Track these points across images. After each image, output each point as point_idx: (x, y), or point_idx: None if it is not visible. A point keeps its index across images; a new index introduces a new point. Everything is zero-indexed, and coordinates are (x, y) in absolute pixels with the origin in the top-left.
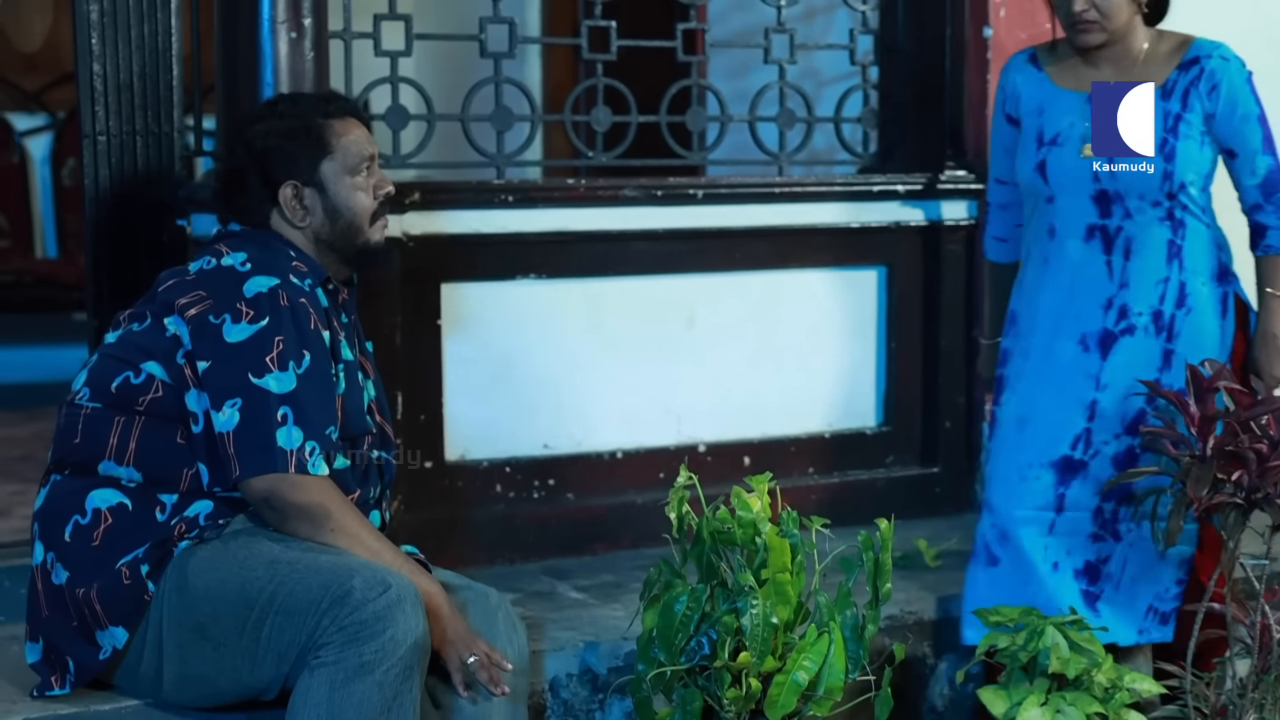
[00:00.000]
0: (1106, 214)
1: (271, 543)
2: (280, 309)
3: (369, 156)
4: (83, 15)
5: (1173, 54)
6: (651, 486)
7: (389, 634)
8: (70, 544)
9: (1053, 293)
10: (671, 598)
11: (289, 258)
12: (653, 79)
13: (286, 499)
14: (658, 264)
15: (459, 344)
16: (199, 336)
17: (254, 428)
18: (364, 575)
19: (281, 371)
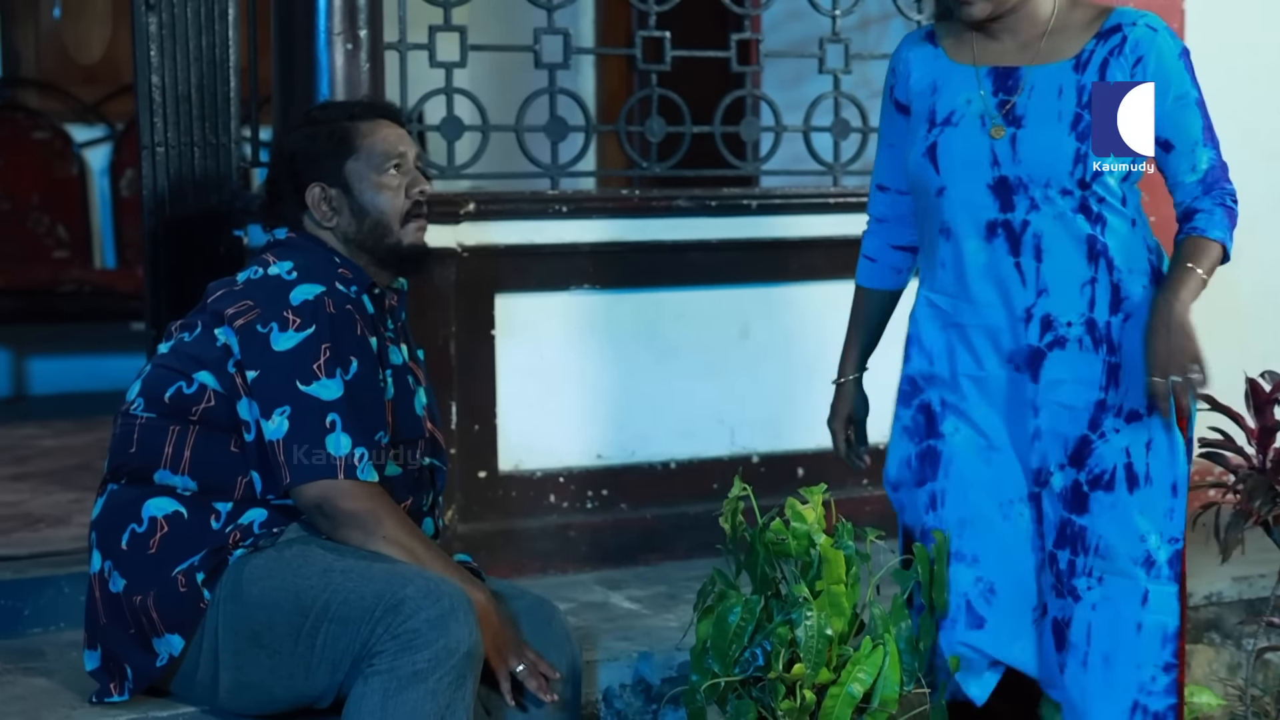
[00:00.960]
0: (1008, 206)
1: (325, 551)
2: (326, 316)
3: (397, 155)
4: (142, 28)
5: (1090, 23)
6: (705, 497)
7: (442, 643)
8: (127, 552)
9: (963, 305)
10: (725, 608)
11: (334, 264)
12: (707, 89)
13: (338, 506)
14: (711, 274)
15: (513, 354)
16: (247, 346)
17: (303, 435)
18: (418, 584)
19: (329, 378)
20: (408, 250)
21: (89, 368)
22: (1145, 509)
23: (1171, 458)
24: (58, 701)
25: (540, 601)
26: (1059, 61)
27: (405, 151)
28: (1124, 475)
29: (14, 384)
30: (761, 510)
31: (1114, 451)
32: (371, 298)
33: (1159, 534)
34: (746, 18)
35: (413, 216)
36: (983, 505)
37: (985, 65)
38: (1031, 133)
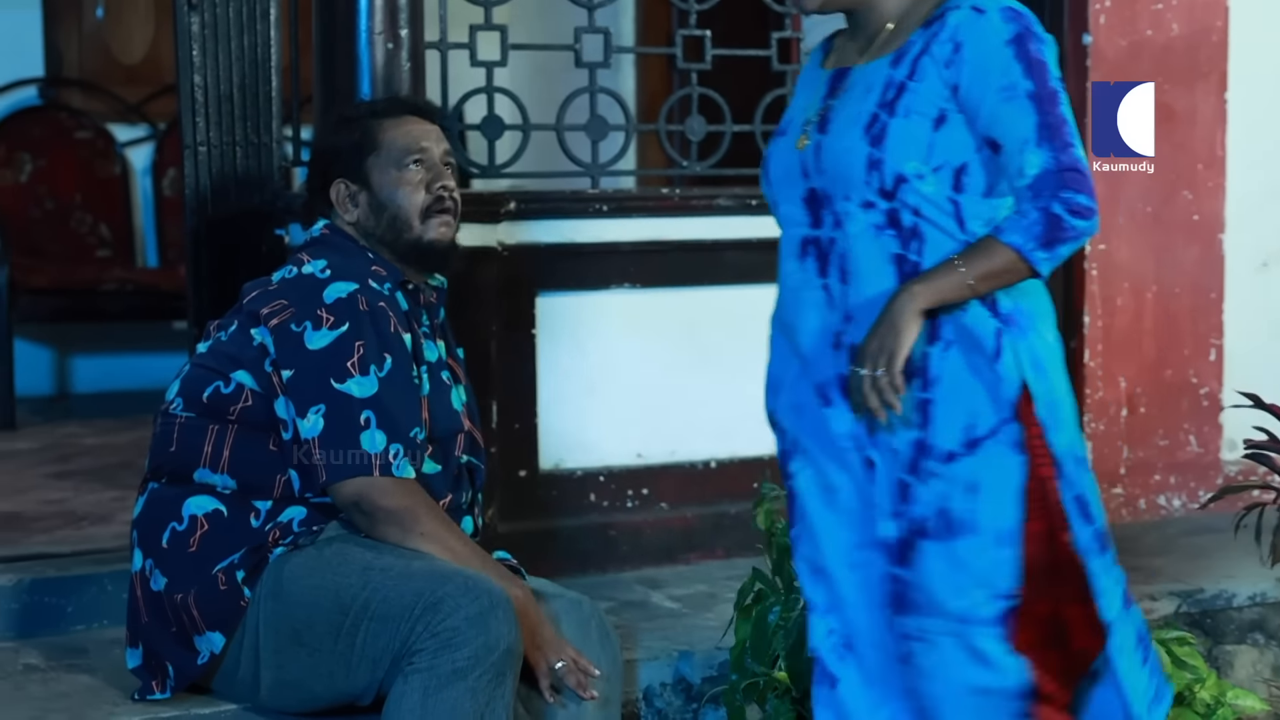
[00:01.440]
0: (817, 222)
1: (365, 550)
2: (360, 314)
3: (418, 150)
4: (184, 28)
5: (928, 13)
6: (745, 496)
7: (481, 640)
8: (168, 550)
9: (783, 332)
10: (764, 608)
11: (368, 261)
12: (747, 88)
13: (375, 503)
14: (751, 273)
15: (553, 353)
16: (282, 345)
17: (338, 433)
18: (456, 582)
19: (363, 376)
20: (429, 245)
21: (131, 366)
22: (967, 560)
23: (1001, 502)
24: (101, 699)
25: (580, 600)
26: (882, 57)
27: (428, 147)
28: (942, 523)
29: (57, 382)
30: None
31: (933, 496)
32: (405, 294)
33: (985, 588)
34: (787, 16)
35: (435, 212)
36: (829, 551)
37: (831, 68)
38: (831, 139)
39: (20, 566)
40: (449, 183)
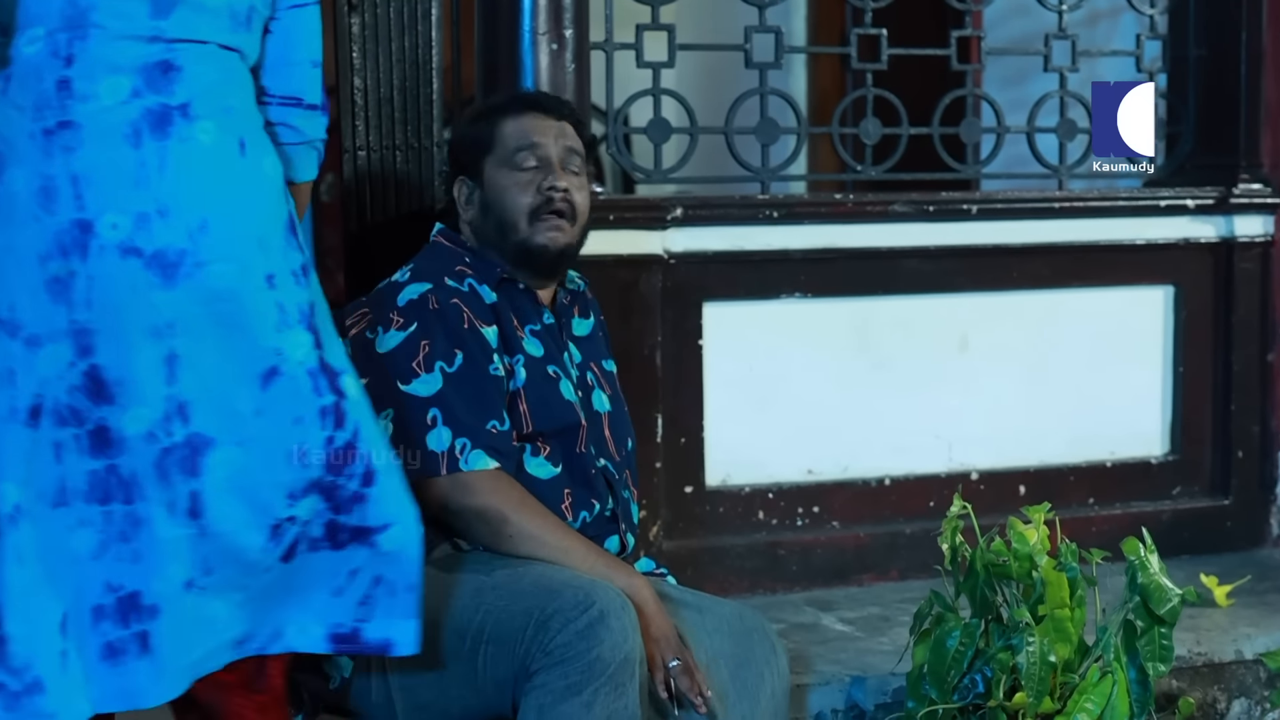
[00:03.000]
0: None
1: (476, 568)
2: (428, 313)
3: (528, 146)
4: (344, 30)
5: None
6: (921, 515)
7: (594, 654)
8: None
9: None
10: (943, 632)
11: (454, 261)
12: (924, 89)
13: (459, 502)
14: (929, 283)
15: (721, 365)
16: (356, 354)
17: (406, 436)
18: (566, 595)
19: (428, 374)
20: (535, 250)
21: None
22: None
23: None
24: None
25: (742, 611)
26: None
27: (541, 142)
28: None
29: None
30: (981, 529)
31: None
32: (506, 291)
33: None
34: (967, 13)
35: (544, 214)
36: None
37: None
38: None
39: None
40: (561, 183)
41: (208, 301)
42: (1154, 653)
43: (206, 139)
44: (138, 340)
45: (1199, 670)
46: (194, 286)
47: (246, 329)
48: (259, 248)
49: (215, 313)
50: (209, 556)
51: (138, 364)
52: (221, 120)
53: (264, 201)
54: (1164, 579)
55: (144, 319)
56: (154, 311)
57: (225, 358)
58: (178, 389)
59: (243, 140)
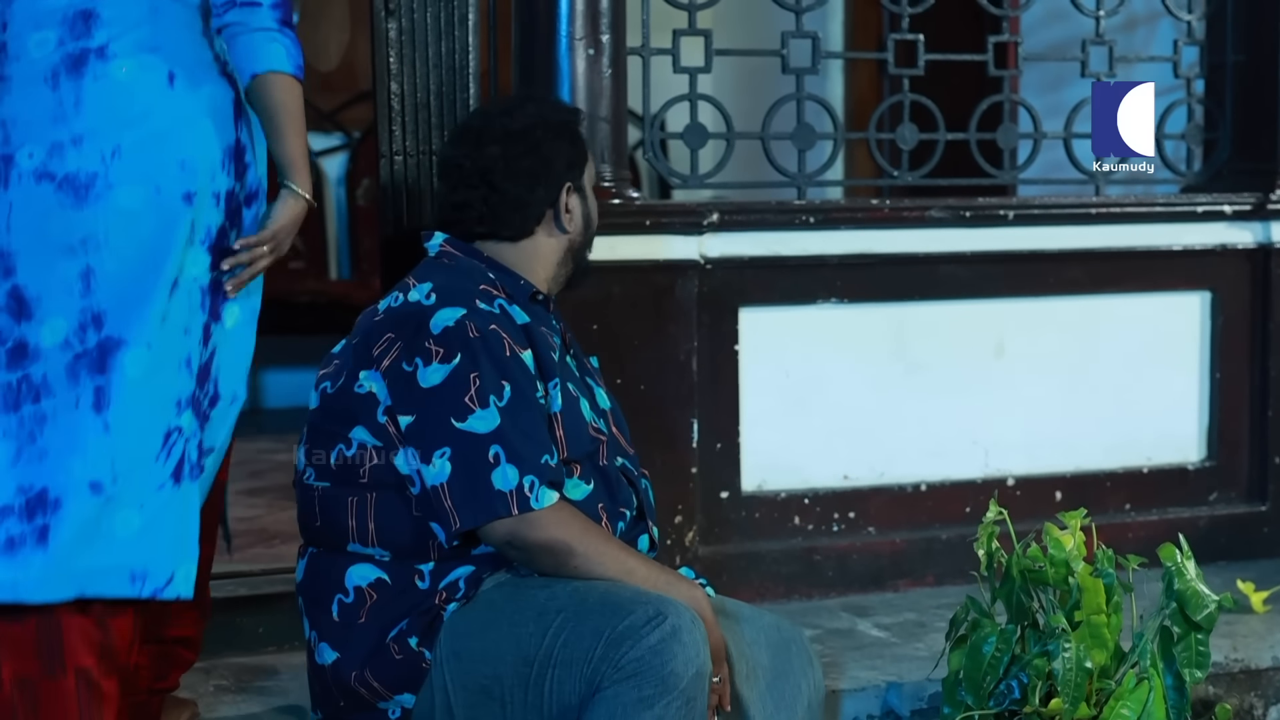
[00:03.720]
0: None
1: (537, 591)
2: (470, 341)
3: (599, 174)
4: (381, 34)
5: None
6: (957, 521)
7: (669, 668)
8: (338, 624)
9: None
10: (979, 638)
11: (477, 278)
12: (961, 94)
13: (526, 539)
14: (965, 288)
15: (757, 370)
16: (395, 388)
17: (469, 475)
18: (638, 612)
19: (483, 409)
20: (589, 268)
21: None
22: None
23: None
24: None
25: (780, 624)
26: None
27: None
28: None
29: (249, 397)
30: (1017, 535)
31: None
32: (530, 306)
33: None
34: (1005, 19)
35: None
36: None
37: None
38: None
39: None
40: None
41: (119, 218)
42: (1191, 659)
43: (123, 75)
44: (54, 258)
45: (1235, 677)
46: (105, 206)
47: (158, 243)
48: (180, 169)
49: (128, 229)
50: (115, 460)
51: (54, 280)
52: (143, 58)
53: (191, 128)
54: (1201, 585)
55: (59, 238)
56: (68, 230)
57: (138, 268)
58: (92, 300)
59: (172, 73)
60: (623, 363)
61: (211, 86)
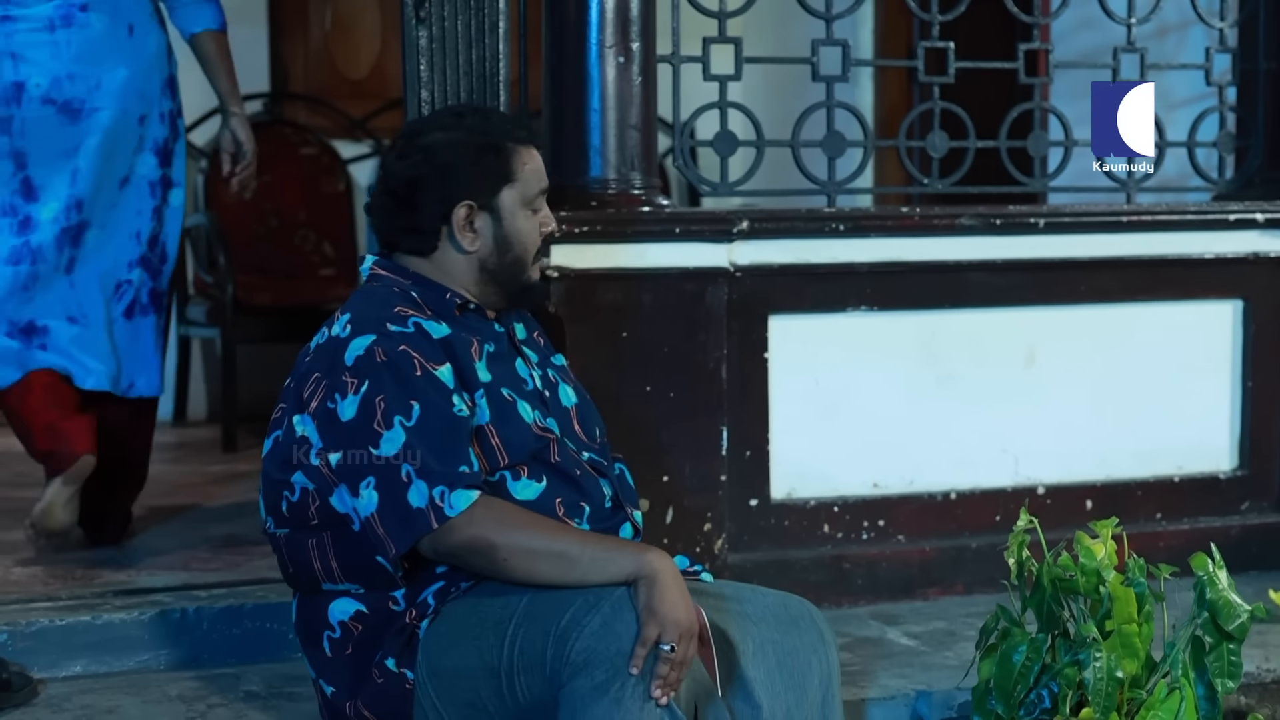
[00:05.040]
0: None
1: (492, 601)
2: (377, 366)
3: (545, 190)
4: (411, 42)
5: None
6: (987, 529)
7: (614, 648)
8: (331, 659)
9: None
10: (1010, 647)
11: (394, 300)
12: (992, 102)
13: (450, 546)
14: (996, 296)
15: (786, 378)
16: (322, 429)
17: (391, 500)
18: (577, 602)
19: (389, 430)
20: (534, 288)
21: None
22: None
23: None
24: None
25: (787, 600)
26: None
27: (546, 186)
28: None
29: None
30: (1048, 544)
31: None
32: (456, 319)
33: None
34: (1035, 27)
35: (540, 254)
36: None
37: None
38: None
39: (241, 591)
40: (553, 226)
41: (98, 133)
42: (1222, 669)
43: (99, 27)
44: (54, 159)
45: (1268, 687)
46: (90, 124)
47: (118, 151)
48: (138, 97)
49: (101, 141)
50: (82, 302)
51: (53, 174)
52: (112, 14)
53: (144, 67)
54: (1232, 595)
55: (57, 145)
56: (64, 140)
57: (104, 170)
58: (76, 190)
59: (131, 25)
60: (652, 370)
61: (156, 35)
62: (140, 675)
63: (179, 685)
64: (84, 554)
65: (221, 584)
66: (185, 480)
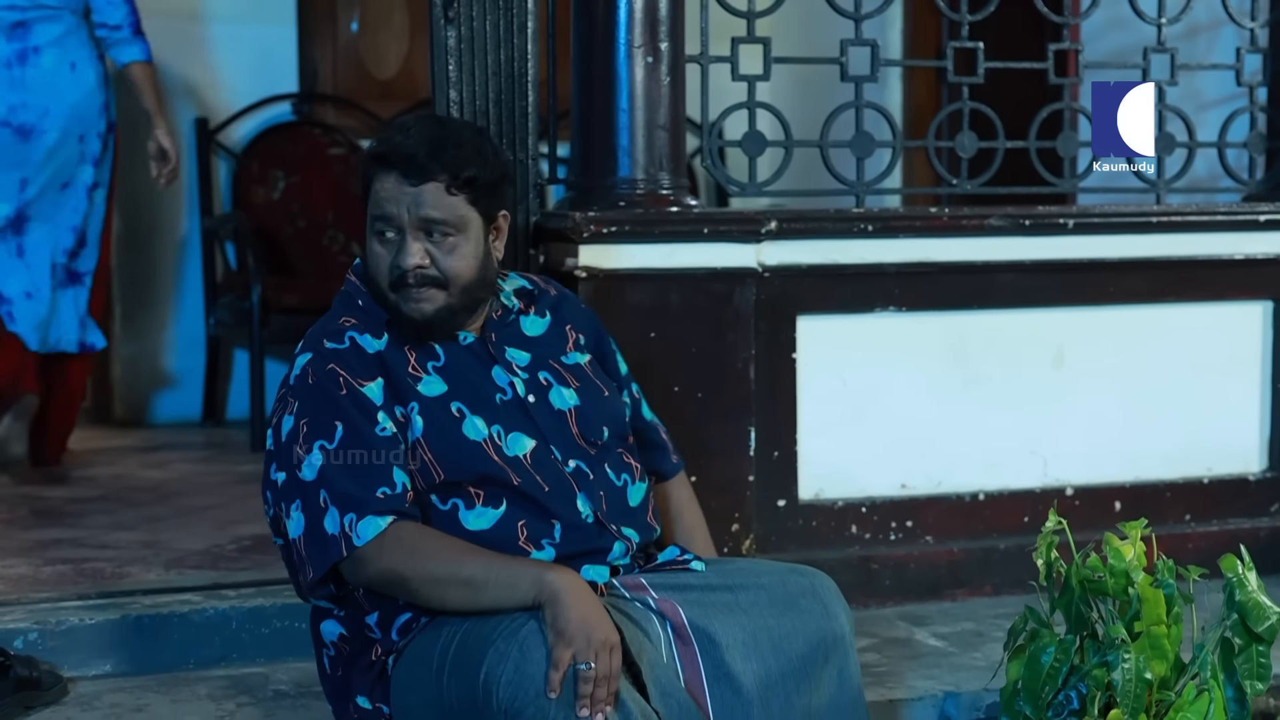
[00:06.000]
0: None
1: (429, 641)
2: (307, 389)
3: (383, 217)
4: (440, 42)
5: None
6: (1015, 530)
7: (532, 690)
8: (330, 675)
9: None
10: (1038, 648)
11: (342, 311)
12: (1021, 102)
13: (362, 576)
14: (1025, 297)
15: (814, 378)
16: (272, 447)
17: (311, 524)
18: (488, 650)
19: (309, 455)
20: (404, 318)
21: None
22: None
23: None
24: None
25: (786, 577)
26: None
27: (395, 214)
28: None
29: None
30: (1077, 545)
31: None
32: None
33: None
34: (1065, 27)
35: (400, 286)
36: None
37: None
38: None
39: (270, 590)
40: (410, 259)
41: (45, 151)
42: (1252, 671)
43: (48, 64)
44: (7, 171)
45: None
46: (39, 144)
47: (61, 163)
48: (79, 120)
49: (48, 157)
50: (32, 281)
51: (6, 185)
52: (59, 54)
53: (84, 96)
54: (1262, 596)
55: (11, 160)
56: (16, 156)
57: (48, 178)
58: (25, 195)
59: (74, 63)
60: (680, 370)
61: (95, 69)
62: (169, 674)
63: (208, 684)
64: (115, 553)
65: (250, 583)
66: (214, 480)
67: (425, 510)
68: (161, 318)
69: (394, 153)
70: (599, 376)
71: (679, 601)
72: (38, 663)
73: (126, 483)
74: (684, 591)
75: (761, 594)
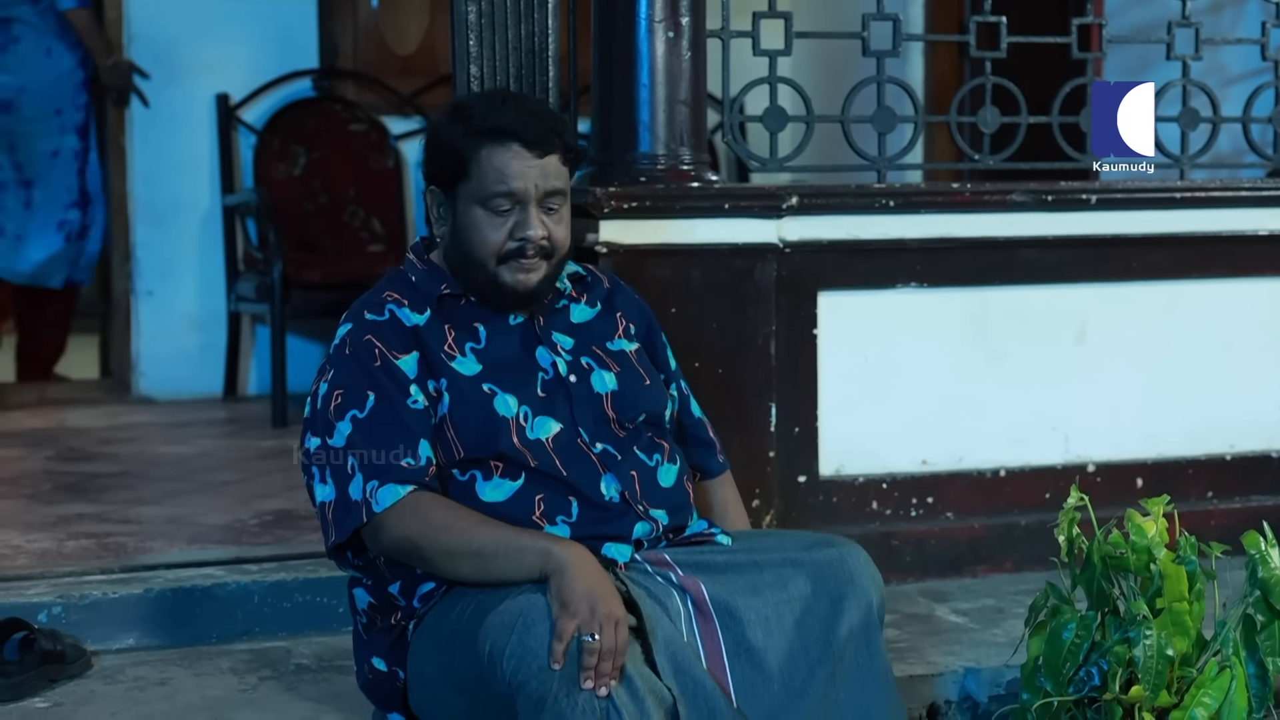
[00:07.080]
0: None
1: (450, 612)
2: (344, 359)
3: (506, 192)
4: (461, 17)
5: None
6: (1036, 507)
7: (534, 665)
8: (361, 640)
9: None
10: (1059, 624)
11: (389, 286)
12: (1044, 77)
13: (379, 543)
14: (1047, 273)
15: (835, 354)
16: (309, 412)
17: (341, 490)
18: (493, 622)
19: (340, 423)
20: (505, 288)
21: None
22: None
23: None
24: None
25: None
26: None
27: (521, 187)
28: None
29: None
30: (1098, 522)
31: None
32: (443, 307)
33: None
34: (1089, 1)
35: (514, 258)
36: None
37: None
38: None
39: (292, 565)
40: (539, 232)
41: (27, 121)
42: (1274, 647)
43: (26, 48)
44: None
45: None
46: (19, 115)
47: (45, 133)
48: (55, 96)
49: (31, 127)
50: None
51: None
52: (36, 40)
53: (56, 76)
54: None
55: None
56: (4, 125)
57: (38, 145)
58: (16, 158)
59: (49, 48)
60: (701, 346)
61: (69, 56)
62: (192, 648)
63: (230, 658)
64: (137, 528)
65: (272, 558)
66: (236, 455)
67: (445, 483)
68: (183, 294)
69: (511, 125)
70: (643, 365)
71: (702, 579)
72: (62, 636)
73: (149, 458)
74: (708, 570)
75: (786, 568)
